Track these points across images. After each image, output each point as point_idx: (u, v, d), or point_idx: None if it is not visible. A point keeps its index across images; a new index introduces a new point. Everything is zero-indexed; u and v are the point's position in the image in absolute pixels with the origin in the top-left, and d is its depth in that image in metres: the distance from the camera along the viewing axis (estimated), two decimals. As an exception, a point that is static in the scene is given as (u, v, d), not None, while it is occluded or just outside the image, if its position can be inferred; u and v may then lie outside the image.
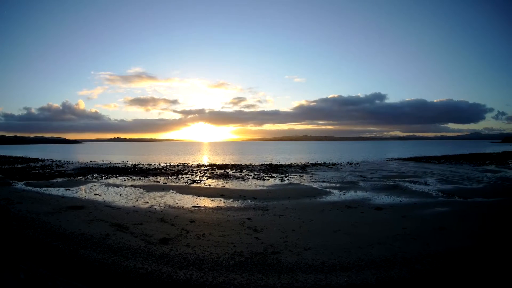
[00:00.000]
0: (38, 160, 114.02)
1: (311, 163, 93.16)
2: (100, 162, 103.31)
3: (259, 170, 72.20)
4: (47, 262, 14.98)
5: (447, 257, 16.59)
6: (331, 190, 42.60)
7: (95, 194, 39.79)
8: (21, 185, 48.53)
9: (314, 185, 48.14)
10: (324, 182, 51.75)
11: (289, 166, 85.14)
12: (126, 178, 57.55)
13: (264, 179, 55.49)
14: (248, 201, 34.69)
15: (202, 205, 32.90)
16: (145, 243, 18.47)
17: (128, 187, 45.51)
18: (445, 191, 42.60)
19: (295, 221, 24.90)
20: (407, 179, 55.80)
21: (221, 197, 37.26)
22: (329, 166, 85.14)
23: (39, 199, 34.56)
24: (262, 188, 45.41)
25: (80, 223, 23.30)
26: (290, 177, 58.46)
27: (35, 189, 44.12)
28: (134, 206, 32.07)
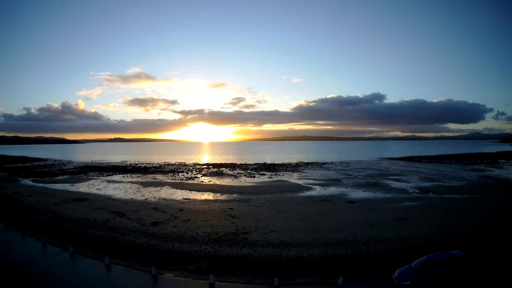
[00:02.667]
0: (40, 159, 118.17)
1: (304, 162, 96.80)
2: (100, 161, 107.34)
3: (252, 169, 75.92)
4: (59, 236, 18.84)
5: (394, 242, 19.81)
6: (314, 186, 46.16)
7: (97, 189, 43.62)
8: (27, 181, 52.38)
9: (299, 182, 51.71)
10: (310, 179, 55.29)
11: (282, 165, 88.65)
12: (125, 175, 61.44)
13: (254, 177, 59.15)
14: (234, 195, 38.42)
15: (192, 197, 36.74)
16: (139, 225, 22.40)
17: (127, 183, 49.45)
18: (422, 188, 45.49)
19: (270, 211, 28.57)
20: (390, 177, 59.05)
21: (211, 192, 41.01)
22: (320, 165, 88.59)
23: (46, 193, 38.41)
24: (250, 184, 49.09)
25: (84, 211, 27.27)
26: (280, 175, 62.06)
27: (41, 185, 47.96)
28: (132, 198, 36.00)
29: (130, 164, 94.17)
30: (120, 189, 43.90)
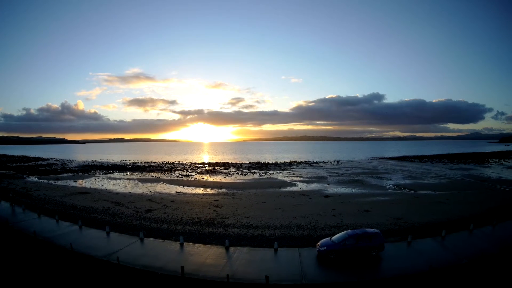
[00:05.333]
0: (42, 159, 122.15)
1: (297, 162, 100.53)
2: (101, 160, 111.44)
3: (245, 168, 79.88)
4: (67, 219, 23.02)
5: (348, 227, 23.07)
6: (298, 183, 50.01)
7: (98, 185, 47.83)
8: (33, 178, 56.40)
9: (286, 179, 55.53)
10: (296, 177, 59.09)
11: (275, 164, 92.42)
12: (125, 173, 65.52)
13: (245, 174, 63.10)
14: (223, 189, 42.42)
15: (184, 192, 40.84)
16: (135, 212, 26.57)
17: (126, 180, 53.57)
18: (400, 185, 48.54)
19: (251, 202, 32.54)
20: (374, 175, 62.37)
21: (202, 187, 45.09)
22: (312, 164, 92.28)
23: (52, 188, 42.50)
24: (239, 181, 53.11)
25: (88, 202, 31.49)
26: (270, 173, 65.90)
27: (46, 181, 51.97)
28: (130, 192, 40.11)
29: (130, 163, 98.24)
30: (120, 184, 48.09)
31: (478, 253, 16.21)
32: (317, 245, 17.00)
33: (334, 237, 17.21)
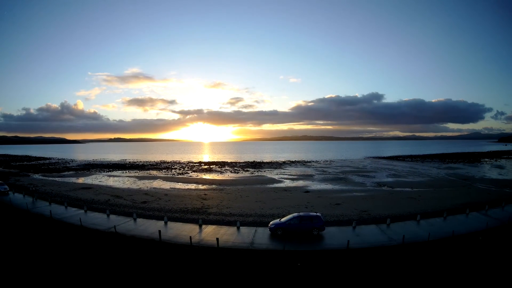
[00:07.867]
0: (44, 158, 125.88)
1: (290, 161, 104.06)
2: (101, 159, 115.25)
3: (239, 166, 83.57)
4: (75, 207, 26.97)
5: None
6: (285, 180, 53.70)
7: (99, 181, 51.80)
8: (38, 176, 60.18)
9: (275, 176, 59.20)
10: (285, 175, 62.78)
11: (269, 163, 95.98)
12: (124, 171, 69.31)
13: (238, 173, 66.82)
14: (213, 185, 46.27)
15: (178, 187, 44.76)
16: (131, 203, 30.60)
17: (125, 177, 57.57)
18: (381, 182, 51.38)
19: (235, 196, 36.33)
20: (361, 173, 65.50)
21: (195, 183, 48.94)
22: (304, 163, 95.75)
23: (57, 184, 46.37)
24: (231, 178, 56.84)
25: (90, 195, 35.52)
26: (261, 171, 69.60)
27: (50, 178, 55.79)
28: (128, 187, 44.16)
29: (129, 162, 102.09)
30: (119, 181, 52.13)
31: (411, 239, 18.31)
32: (269, 224, 20.85)
33: (283, 218, 21.06)
